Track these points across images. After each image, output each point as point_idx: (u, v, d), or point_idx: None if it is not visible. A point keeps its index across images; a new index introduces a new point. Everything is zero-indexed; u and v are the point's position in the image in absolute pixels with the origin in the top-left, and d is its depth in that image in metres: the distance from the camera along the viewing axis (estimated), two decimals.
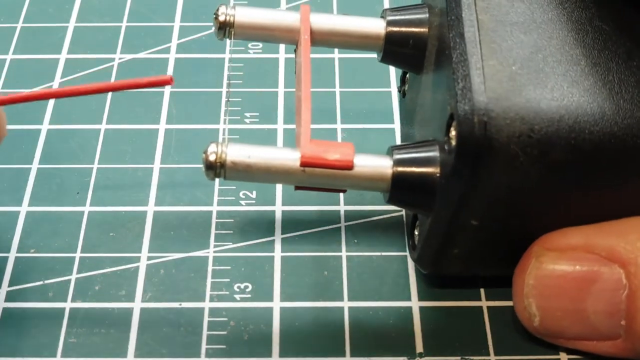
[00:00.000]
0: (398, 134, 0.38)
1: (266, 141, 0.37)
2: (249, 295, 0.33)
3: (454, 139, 0.27)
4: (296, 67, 0.33)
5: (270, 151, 0.29)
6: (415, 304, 0.32)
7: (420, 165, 0.29)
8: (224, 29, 0.32)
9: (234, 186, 0.36)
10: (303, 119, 0.29)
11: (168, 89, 0.39)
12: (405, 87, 0.35)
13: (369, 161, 0.29)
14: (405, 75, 0.35)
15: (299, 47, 0.32)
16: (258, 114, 0.39)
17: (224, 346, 0.31)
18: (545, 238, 0.29)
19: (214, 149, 0.29)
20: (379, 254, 0.34)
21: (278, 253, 0.34)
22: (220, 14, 0.32)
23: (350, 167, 0.29)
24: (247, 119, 0.38)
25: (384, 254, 0.34)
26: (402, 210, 0.35)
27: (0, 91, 0.39)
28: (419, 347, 0.31)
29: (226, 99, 0.39)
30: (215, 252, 0.34)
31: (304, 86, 0.30)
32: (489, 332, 0.32)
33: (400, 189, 0.29)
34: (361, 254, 0.34)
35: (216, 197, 0.36)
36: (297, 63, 0.33)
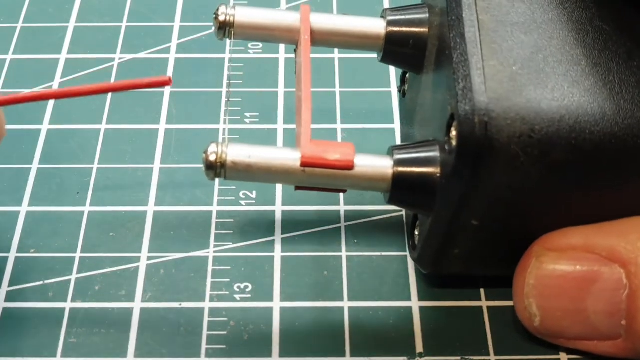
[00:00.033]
0: (398, 134, 0.38)
1: (266, 141, 0.37)
2: (249, 295, 0.33)
3: (454, 139, 0.27)
4: (296, 67, 0.33)
5: (270, 151, 0.29)
6: (415, 304, 0.32)
7: (421, 166, 0.29)
8: (224, 29, 0.32)
9: (234, 186, 0.36)
10: (303, 119, 0.29)
11: (168, 89, 0.39)
12: (405, 87, 0.35)
13: (369, 161, 0.29)
14: (405, 75, 0.35)
15: (299, 47, 0.32)
16: (258, 114, 0.39)
17: (224, 346, 0.31)
18: (545, 238, 0.29)
19: (214, 149, 0.29)
20: (379, 254, 0.34)
21: (278, 253, 0.34)
22: (220, 13, 0.32)
23: (350, 167, 0.29)
24: (247, 119, 0.38)
25: (384, 254, 0.34)
26: (402, 210, 0.35)
27: (0, 91, 0.39)
28: (419, 347, 0.31)
29: (226, 99, 0.39)
30: (215, 252, 0.34)
31: (304, 86, 0.30)
32: (489, 332, 0.32)
33: (401, 189, 0.29)
34: (361, 254, 0.34)
35: (216, 197, 0.36)
36: (297, 63, 0.32)
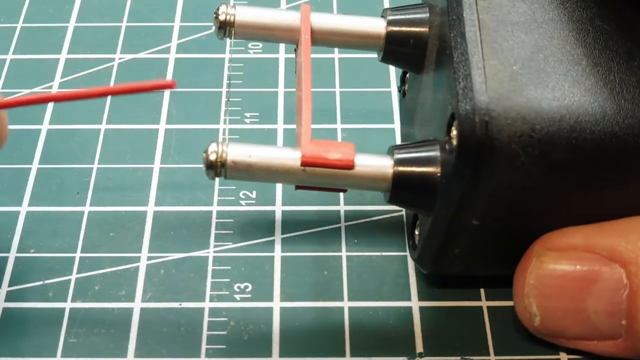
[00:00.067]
0: (398, 134, 0.37)
1: (266, 141, 0.37)
2: (249, 295, 0.33)
3: (455, 138, 0.27)
4: (296, 67, 0.33)
5: (271, 151, 0.29)
6: (415, 304, 0.32)
7: (421, 165, 0.29)
8: (224, 28, 0.32)
9: (234, 186, 0.36)
10: (304, 118, 0.29)
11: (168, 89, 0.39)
12: (405, 87, 0.35)
13: (369, 161, 0.29)
14: (405, 74, 0.35)
15: (299, 47, 0.32)
16: (258, 114, 0.39)
17: (224, 346, 0.31)
18: (546, 238, 0.29)
19: (214, 149, 0.29)
20: (379, 254, 0.34)
21: (278, 253, 0.34)
22: (221, 13, 0.32)
23: (351, 166, 0.29)
24: (247, 119, 0.38)
25: (384, 254, 0.34)
26: (402, 210, 0.35)
27: (1, 91, 0.39)
28: (419, 347, 0.31)
29: (226, 99, 0.39)
30: (215, 252, 0.34)
31: (304, 86, 0.30)
32: (489, 332, 0.32)
33: (401, 188, 0.29)
34: (361, 254, 0.34)
35: (216, 197, 0.36)
36: (297, 63, 0.32)
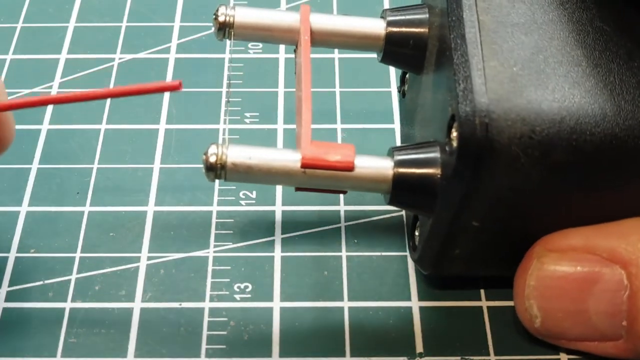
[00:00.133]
0: (398, 134, 0.37)
1: (266, 141, 0.37)
2: (249, 295, 0.33)
3: (455, 140, 0.27)
4: (296, 67, 0.33)
5: (271, 152, 0.29)
6: (415, 304, 0.32)
7: (421, 167, 0.29)
8: (223, 29, 0.32)
9: (234, 186, 0.36)
10: (304, 119, 0.29)
11: None
12: (405, 87, 0.35)
13: (369, 162, 0.29)
14: (405, 75, 0.35)
15: (299, 48, 0.32)
16: (258, 114, 0.39)
17: (224, 346, 0.31)
18: (546, 239, 0.29)
19: (214, 151, 0.29)
20: (379, 254, 0.34)
21: (278, 253, 0.34)
22: (220, 14, 0.32)
23: (351, 168, 0.29)
24: (247, 119, 0.38)
25: (384, 254, 0.34)
26: (402, 211, 0.35)
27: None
28: (419, 347, 0.31)
29: (226, 99, 0.39)
30: (215, 252, 0.34)
31: (304, 87, 0.30)
32: (489, 332, 0.32)
33: (401, 190, 0.29)
34: (361, 254, 0.34)
35: (216, 197, 0.36)
36: (297, 63, 0.32)
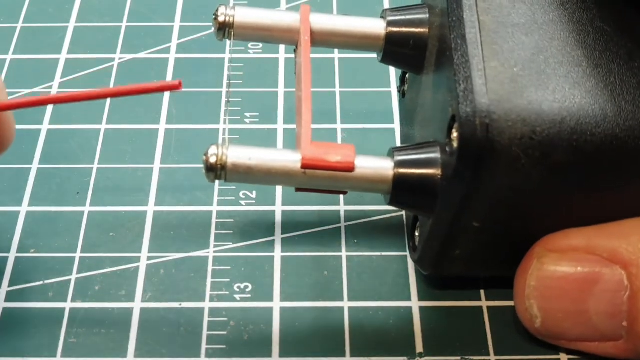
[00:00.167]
0: (398, 134, 0.37)
1: (266, 141, 0.37)
2: (249, 295, 0.33)
3: (455, 140, 0.27)
4: (296, 67, 0.33)
5: (271, 153, 0.29)
6: (415, 304, 0.32)
7: (422, 167, 0.29)
8: (223, 29, 0.32)
9: (234, 186, 0.36)
10: (304, 119, 0.29)
11: None
12: (405, 87, 0.35)
13: (370, 163, 0.29)
14: (405, 75, 0.35)
15: (299, 48, 0.32)
16: (258, 114, 0.39)
17: (224, 346, 0.31)
18: (546, 239, 0.29)
19: (214, 151, 0.29)
20: (379, 254, 0.34)
21: (278, 253, 0.34)
22: (220, 14, 0.32)
23: (351, 169, 0.29)
24: (247, 119, 0.38)
25: (384, 254, 0.34)
26: (402, 211, 0.35)
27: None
28: (419, 347, 0.31)
29: (226, 99, 0.39)
30: (215, 252, 0.34)
31: (304, 87, 0.30)
32: (489, 332, 0.32)
33: (402, 190, 0.29)
34: (361, 254, 0.34)
35: (216, 197, 0.36)
36: (297, 63, 0.32)
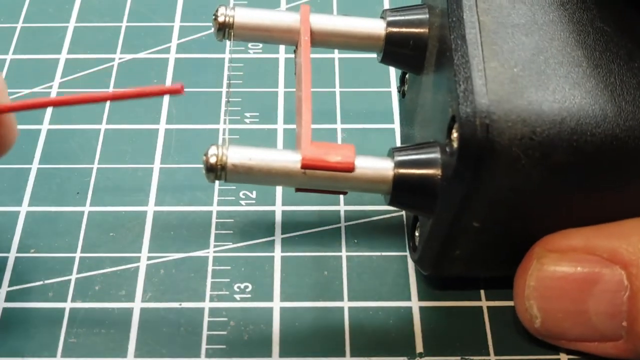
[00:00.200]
0: (398, 134, 0.37)
1: (266, 141, 0.37)
2: (249, 295, 0.33)
3: (455, 141, 0.27)
4: (296, 67, 0.33)
5: (271, 153, 0.29)
6: (415, 304, 0.32)
7: (422, 167, 0.29)
8: (223, 30, 0.32)
9: (234, 186, 0.36)
10: (304, 120, 0.29)
11: None
12: (404, 88, 0.35)
13: (370, 163, 0.29)
14: (405, 75, 0.35)
15: (298, 48, 0.32)
16: (258, 114, 0.39)
17: (224, 346, 0.31)
18: (546, 239, 0.29)
19: (214, 152, 0.29)
20: (379, 254, 0.34)
21: (278, 253, 0.34)
22: (220, 15, 0.32)
23: (351, 169, 0.29)
24: (247, 119, 0.38)
25: (384, 254, 0.34)
26: (402, 211, 0.35)
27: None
28: (419, 347, 0.31)
29: (226, 99, 0.39)
30: (215, 252, 0.34)
31: (304, 87, 0.30)
32: (489, 332, 0.32)
33: (402, 191, 0.29)
34: (361, 254, 0.34)
35: (216, 197, 0.36)
36: (296, 63, 0.32)
